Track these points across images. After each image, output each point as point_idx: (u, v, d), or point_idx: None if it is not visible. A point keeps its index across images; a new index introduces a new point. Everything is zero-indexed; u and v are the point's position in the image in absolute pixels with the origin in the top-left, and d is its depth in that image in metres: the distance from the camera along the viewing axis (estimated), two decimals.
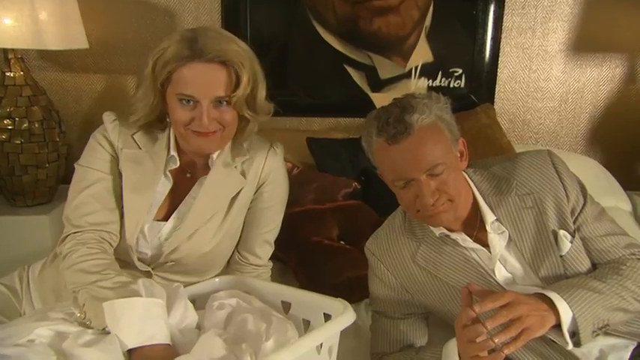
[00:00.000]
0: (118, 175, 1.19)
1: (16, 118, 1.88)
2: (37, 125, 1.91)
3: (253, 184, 1.25)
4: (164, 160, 1.19)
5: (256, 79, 1.15)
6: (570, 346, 1.00)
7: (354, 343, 1.33)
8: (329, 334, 0.94)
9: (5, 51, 1.90)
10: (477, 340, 0.94)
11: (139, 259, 1.20)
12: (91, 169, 1.18)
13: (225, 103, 1.12)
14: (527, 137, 2.42)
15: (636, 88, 2.34)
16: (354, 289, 1.44)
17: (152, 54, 1.12)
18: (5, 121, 1.87)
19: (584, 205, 1.12)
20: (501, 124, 2.31)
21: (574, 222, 1.11)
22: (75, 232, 1.13)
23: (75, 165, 1.22)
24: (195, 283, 1.20)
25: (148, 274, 1.19)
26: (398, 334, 1.20)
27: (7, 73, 1.90)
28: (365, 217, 1.71)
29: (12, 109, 1.88)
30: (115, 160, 1.19)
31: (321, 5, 2.26)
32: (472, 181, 1.17)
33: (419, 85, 2.35)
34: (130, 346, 0.93)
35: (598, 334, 1.01)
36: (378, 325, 1.24)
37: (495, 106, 2.35)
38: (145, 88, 1.12)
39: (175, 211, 1.21)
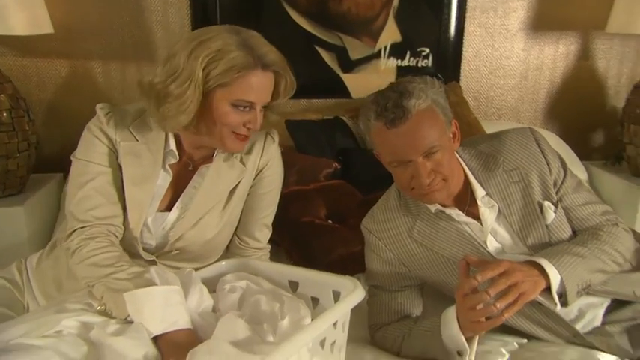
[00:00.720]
0: (117, 169, 1.18)
1: None
2: (5, 114, 1.84)
3: (252, 172, 1.28)
4: (162, 152, 1.20)
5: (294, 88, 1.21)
6: (559, 307, 1.10)
7: (353, 317, 1.39)
8: (344, 311, 0.99)
9: None
10: (479, 307, 1.02)
11: (144, 249, 1.21)
12: (91, 162, 1.16)
13: (265, 107, 1.17)
14: (491, 113, 2.53)
15: (589, 64, 2.49)
16: (346, 266, 1.50)
17: (197, 51, 1.07)
18: None
19: (564, 177, 1.22)
20: (467, 101, 2.41)
21: (556, 193, 1.21)
22: (82, 227, 1.13)
23: (72, 158, 1.20)
24: (197, 268, 1.22)
25: (153, 263, 1.21)
26: (396, 305, 1.27)
27: None
28: (349, 196, 1.76)
29: None
30: (114, 153, 1.19)
31: None
32: (462, 159, 1.24)
33: (388, 64, 2.41)
34: (155, 333, 0.95)
35: (581, 294, 1.11)
36: (376, 299, 1.30)
37: (461, 84, 2.44)
38: (191, 88, 1.08)
39: (178, 201, 1.22)
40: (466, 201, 1.22)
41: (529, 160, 1.21)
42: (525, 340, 1.24)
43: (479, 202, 1.20)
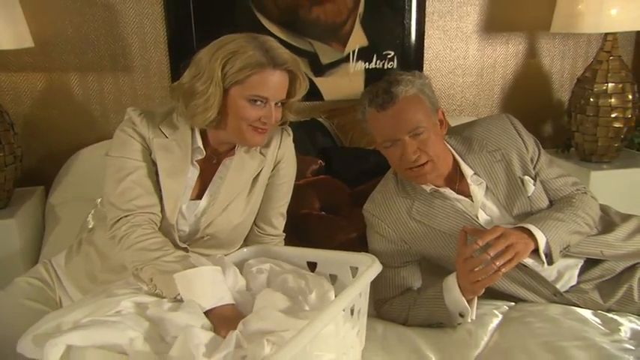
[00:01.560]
0: (151, 163, 1.27)
1: None
2: None
3: (271, 163, 1.39)
4: (189, 147, 1.29)
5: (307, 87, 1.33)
6: (545, 265, 1.26)
7: None
8: (367, 282, 1.11)
9: None
10: (478, 269, 1.16)
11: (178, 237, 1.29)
12: (128, 158, 1.25)
13: (279, 104, 1.28)
14: (452, 109, 2.73)
15: (536, 61, 2.74)
16: (346, 250, 1.62)
17: (215, 54, 1.18)
18: None
19: (539, 155, 1.39)
20: None
21: (534, 169, 1.38)
22: (126, 216, 1.20)
23: (106, 157, 1.28)
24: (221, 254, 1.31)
25: (185, 251, 1.29)
26: (399, 280, 1.40)
27: None
28: (338, 189, 1.88)
29: None
30: (147, 150, 1.27)
31: None
32: (450, 144, 1.40)
33: (357, 67, 2.55)
34: (207, 308, 1.04)
35: (563, 255, 1.28)
36: (380, 275, 1.40)
37: None
38: (213, 86, 1.18)
39: (207, 190, 1.32)
40: (456, 180, 1.37)
41: (508, 141, 1.38)
42: (513, 303, 1.40)
43: (468, 181, 1.35)
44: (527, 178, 1.36)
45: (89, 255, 1.31)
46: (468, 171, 1.36)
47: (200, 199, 1.32)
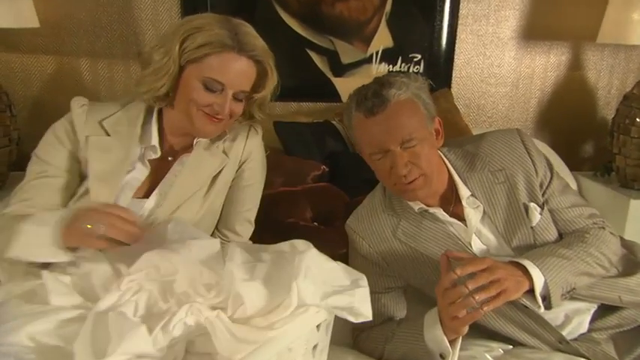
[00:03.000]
0: (75, 170, 1.19)
1: None
2: None
3: (235, 163, 1.27)
4: (135, 147, 1.19)
5: (276, 85, 1.21)
6: (542, 309, 1.07)
7: (336, 320, 1.36)
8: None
9: None
10: (458, 301, 0.99)
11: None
12: (46, 163, 1.17)
13: (241, 97, 1.16)
14: (482, 121, 2.52)
15: (580, 74, 2.49)
16: None
17: (181, 29, 1.11)
18: None
19: (551, 179, 1.20)
20: (458, 108, 2.40)
21: (542, 195, 1.19)
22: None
23: (32, 154, 1.21)
24: None
25: None
26: (379, 307, 1.24)
27: None
28: (336, 198, 1.73)
29: None
30: (73, 156, 1.18)
31: None
32: (447, 158, 1.22)
33: (379, 70, 2.40)
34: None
35: (566, 298, 1.09)
36: None
37: (452, 91, 2.43)
38: (168, 58, 1.10)
39: (157, 189, 1.20)
40: (451, 201, 1.20)
41: (515, 161, 1.19)
42: (510, 347, 1.21)
43: (464, 203, 1.18)
44: (532, 205, 1.17)
45: None
46: (464, 191, 1.18)
47: (147, 198, 1.20)
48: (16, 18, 1.78)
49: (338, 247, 1.52)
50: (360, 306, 0.90)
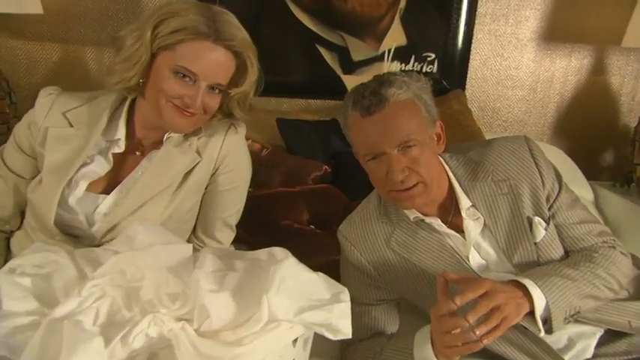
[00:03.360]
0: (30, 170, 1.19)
1: None
2: None
3: (210, 163, 1.18)
4: (98, 138, 1.13)
5: (258, 80, 1.14)
6: (542, 333, 0.99)
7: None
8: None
9: None
10: (455, 332, 0.92)
11: (76, 236, 1.13)
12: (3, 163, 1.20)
13: (217, 90, 1.09)
14: (497, 125, 2.43)
15: (603, 79, 2.38)
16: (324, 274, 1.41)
17: (155, 13, 1.05)
18: None
19: (559, 192, 1.11)
20: (472, 110, 2.31)
21: (549, 209, 1.10)
22: None
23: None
24: None
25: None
26: (369, 320, 1.17)
27: None
28: (336, 200, 1.67)
29: None
30: (31, 156, 1.18)
31: None
32: (448, 165, 1.14)
33: (391, 68, 2.31)
34: None
35: (569, 322, 1.01)
36: None
37: (467, 93, 2.34)
38: (138, 46, 1.04)
39: (119, 185, 1.14)
40: (450, 211, 1.12)
41: (521, 171, 1.11)
42: None
43: (463, 214, 1.10)
44: (537, 219, 1.08)
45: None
46: (464, 201, 1.10)
47: (108, 194, 1.13)
48: (18, 3, 1.74)
49: (332, 253, 1.45)
50: (338, 322, 0.83)
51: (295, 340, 0.88)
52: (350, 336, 0.85)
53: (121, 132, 1.13)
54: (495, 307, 0.92)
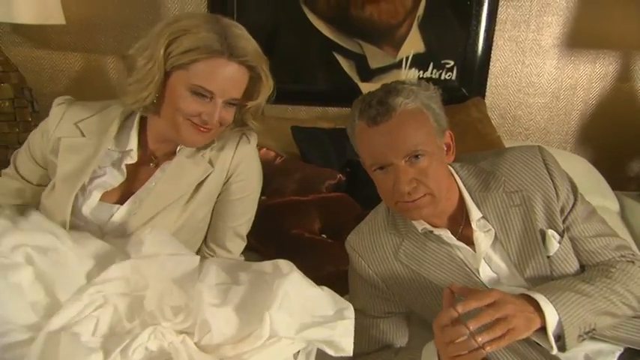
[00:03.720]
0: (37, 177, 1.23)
1: None
2: (7, 104, 1.83)
3: (222, 174, 1.18)
4: (109, 149, 1.16)
5: (272, 88, 1.13)
6: (555, 351, 0.95)
7: None
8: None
9: None
10: (459, 341, 0.89)
11: None
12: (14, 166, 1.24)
13: (232, 104, 1.10)
14: (518, 133, 2.38)
15: (629, 86, 2.31)
16: (335, 284, 1.37)
17: (165, 31, 1.04)
18: None
19: (574, 204, 1.07)
20: (492, 118, 2.27)
21: (563, 221, 1.06)
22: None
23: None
24: None
25: None
26: (377, 333, 1.15)
27: None
28: (348, 210, 1.65)
29: None
30: (42, 167, 1.22)
31: None
32: (459, 176, 1.12)
33: (409, 75, 2.29)
34: None
35: (584, 339, 0.97)
36: (356, 324, 1.17)
37: (486, 100, 2.30)
38: (151, 67, 1.04)
39: (133, 196, 1.15)
40: (460, 222, 1.09)
41: (534, 182, 1.07)
42: None
43: (473, 226, 1.07)
44: (551, 232, 1.04)
45: None
46: (475, 213, 1.07)
47: (121, 204, 1.15)
48: (41, 14, 1.79)
49: (343, 263, 1.42)
50: (340, 340, 0.82)
51: (297, 353, 0.87)
52: (351, 354, 0.83)
53: (132, 143, 1.15)
54: (502, 317, 0.89)
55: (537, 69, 2.30)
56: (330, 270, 1.42)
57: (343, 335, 0.83)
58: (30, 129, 1.88)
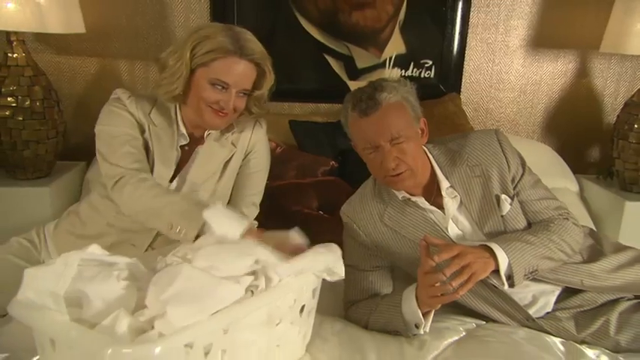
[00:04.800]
0: (142, 139, 1.39)
1: (19, 97, 2.01)
2: (37, 104, 2.04)
3: (242, 152, 1.48)
4: (174, 137, 1.40)
5: (272, 81, 1.39)
6: (506, 287, 1.22)
7: (331, 296, 1.55)
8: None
9: (8, 34, 2.03)
10: (437, 285, 1.15)
11: None
12: (125, 128, 1.37)
13: (243, 94, 1.36)
14: (490, 125, 2.64)
15: (587, 81, 2.59)
16: None
17: (190, 37, 1.31)
18: (8, 99, 2.01)
19: (522, 174, 1.34)
20: (467, 112, 2.54)
21: (514, 188, 1.34)
22: (133, 170, 1.32)
23: (98, 127, 1.41)
24: None
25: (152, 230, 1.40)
26: (367, 284, 1.41)
27: (10, 55, 2.04)
28: (340, 191, 1.90)
29: (15, 88, 2.01)
30: (139, 126, 1.38)
31: None
32: (431, 154, 1.38)
33: (392, 74, 2.55)
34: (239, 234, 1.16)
35: (529, 278, 1.24)
36: (350, 277, 1.43)
37: (462, 96, 2.57)
38: (180, 65, 1.30)
39: (178, 175, 1.42)
40: (433, 192, 1.36)
41: (490, 158, 1.34)
42: (484, 322, 1.36)
43: (443, 193, 1.33)
44: (504, 196, 1.32)
45: (73, 223, 1.45)
46: (444, 183, 1.34)
47: (172, 181, 1.42)
48: (65, 25, 2.01)
49: (338, 234, 1.67)
50: (335, 265, 1.09)
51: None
52: (343, 276, 1.10)
53: (182, 127, 1.42)
54: (465, 264, 1.15)
55: (506, 67, 2.58)
56: (327, 239, 1.65)
57: (336, 261, 1.10)
58: (57, 126, 2.12)
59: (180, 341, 0.87)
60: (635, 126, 2.19)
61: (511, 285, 1.22)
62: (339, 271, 1.10)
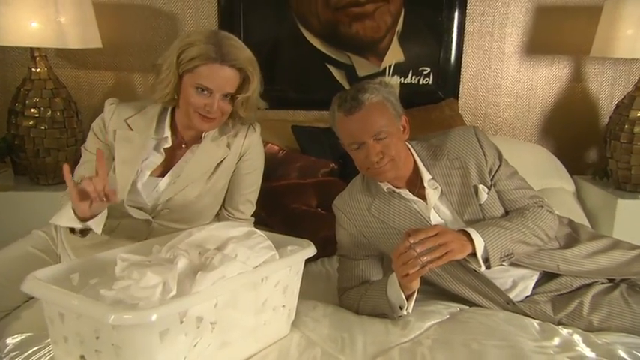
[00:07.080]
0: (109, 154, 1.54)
1: (41, 108, 2.19)
2: (58, 114, 2.21)
3: (236, 155, 1.58)
4: (149, 139, 1.51)
5: (258, 85, 1.49)
6: (483, 268, 1.31)
7: (326, 285, 1.67)
8: (296, 260, 1.27)
9: (32, 50, 2.21)
10: (409, 262, 1.25)
11: (141, 209, 1.52)
12: (90, 152, 1.55)
13: (228, 97, 1.46)
14: (488, 129, 2.73)
15: (581, 86, 2.67)
16: (327, 246, 1.74)
17: (177, 45, 1.42)
18: (32, 110, 2.18)
19: (499, 166, 1.44)
20: (465, 117, 2.64)
21: (491, 179, 1.43)
22: None
23: (82, 148, 1.60)
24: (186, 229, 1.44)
25: (148, 222, 1.53)
26: (358, 271, 1.51)
27: (34, 69, 2.21)
28: (339, 190, 1.98)
29: (38, 99, 2.19)
30: (105, 144, 1.54)
31: (307, 11, 2.58)
32: (414, 150, 1.49)
33: (392, 82, 2.67)
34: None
35: (505, 260, 1.32)
36: (342, 266, 1.55)
37: (460, 101, 2.67)
38: (169, 71, 1.42)
39: (171, 171, 1.54)
40: (416, 184, 1.46)
41: (469, 151, 1.45)
42: (468, 307, 1.45)
43: (425, 185, 1.44)
44: (481, 186, 1.41)
45: None
46: (425, 175, 1.44)
47: (163, 177, 1.53)
48: (84, 40, 2.18)
49: (333, 229, 1.79)
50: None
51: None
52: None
53: (167, 132, 1.52)
54: (442, 242, 1.24)
55: (502, 73, 2.67)
56: (324, 234, 1.78)
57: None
58: (76, 135, 2.28)
59: (174, 309, 0.98)
60: (626, 126, 2.27)
61: (488, 267, 1.31)
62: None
